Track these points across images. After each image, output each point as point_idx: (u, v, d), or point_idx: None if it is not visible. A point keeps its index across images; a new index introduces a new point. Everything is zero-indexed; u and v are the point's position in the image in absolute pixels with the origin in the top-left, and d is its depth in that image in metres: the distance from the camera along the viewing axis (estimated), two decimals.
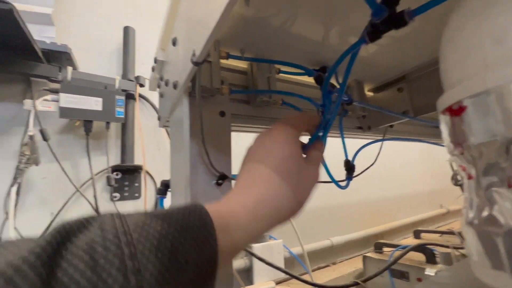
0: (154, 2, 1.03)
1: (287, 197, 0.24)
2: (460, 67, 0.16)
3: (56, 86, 0.71)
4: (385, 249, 0.97)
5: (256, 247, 0.95)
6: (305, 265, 0.99)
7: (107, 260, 0.14)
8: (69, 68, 0.73)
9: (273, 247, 0.97)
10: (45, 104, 0.70)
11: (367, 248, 1.31)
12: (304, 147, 0.29)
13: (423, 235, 1.16)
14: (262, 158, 0.26)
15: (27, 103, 0.67)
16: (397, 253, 0.85)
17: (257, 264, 0.93)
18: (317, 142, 0.30)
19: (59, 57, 0.72)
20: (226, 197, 0.24)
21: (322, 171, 0.46)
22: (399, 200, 1.63)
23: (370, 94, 0.66)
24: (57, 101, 0.70)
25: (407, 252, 0.82)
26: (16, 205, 0.67)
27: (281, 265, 0.95)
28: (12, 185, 0.67)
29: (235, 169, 0.38)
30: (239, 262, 0.94)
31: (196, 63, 0.24)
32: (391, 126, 0.66)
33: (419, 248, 0.83)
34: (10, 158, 0.70)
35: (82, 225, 0.16)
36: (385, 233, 1.43)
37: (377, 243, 0.99)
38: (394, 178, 1.63)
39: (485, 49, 0.14)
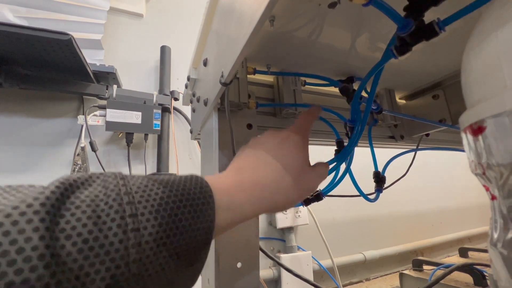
0: (188, 21, 1.11)
1: (287, 186, 0.25)
2: (480, 85, 0.15)
3: (103, 102, 0.80)
4: (425, 267, 0.90)
5: (285, 258, 0.94)
6: (335, 279, 0.95)
7: (108, 216, 0.15)
8: (114, 86, 0.82)
9: (302, 258, 0.95)
10: (94, 119, 0.79)
11: (404, 265, 1.22)
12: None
13: (470, 253, 1.04)
14: (270, 149, 0.27)
15: (81, 118, 0.77)
16: (439, 272, 0.78)
17: (285, 275, 0.92)
18: (324, 163, 0.32)
19: (106, 77, 0.81)
20: (223, 175, 0.24)
21: (350, 184, 0.45)
22: (443, 213, 1.49)
23: (402, 101, 0.64)
24: (104, 116, 0.79)
25: (452, 271, 0.75)
26: None
27: (310, 277, 0.92)
28: None
29: None
30: (267, 272, 0.94)
31: (224, 84, 0.26)
32: (427, 135, 0.62)
33: (466, 268, 0.75)
34: (65, 166, 0.79)
35: (86, 181, 0.17)
36: (425, 249, 1.32)
37: (415, 259, 0.92)
38: (437, 190, 1.50)
39: (503, 69, 0.14)
